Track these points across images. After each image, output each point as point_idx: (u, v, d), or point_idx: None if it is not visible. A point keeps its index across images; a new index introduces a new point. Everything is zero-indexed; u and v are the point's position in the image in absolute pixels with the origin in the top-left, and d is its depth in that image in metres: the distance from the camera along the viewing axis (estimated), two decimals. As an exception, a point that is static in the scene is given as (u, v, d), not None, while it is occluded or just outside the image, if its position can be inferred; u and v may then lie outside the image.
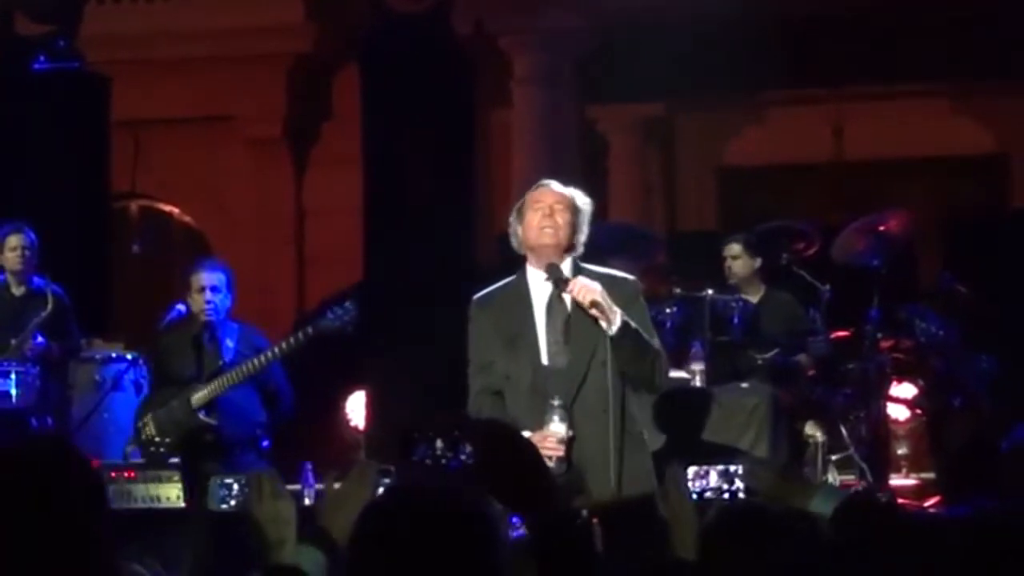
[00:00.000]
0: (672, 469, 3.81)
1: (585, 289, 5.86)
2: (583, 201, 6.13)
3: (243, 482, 4.49)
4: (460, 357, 6.33)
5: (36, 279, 9.42)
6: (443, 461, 3.24)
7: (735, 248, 9.32)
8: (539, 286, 6.06)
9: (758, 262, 9.29)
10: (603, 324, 5.85)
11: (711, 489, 4.15)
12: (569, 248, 6.05)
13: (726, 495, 4.17)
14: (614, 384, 5.88)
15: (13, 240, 9.41)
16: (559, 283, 5.95)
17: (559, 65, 13.44)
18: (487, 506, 2.80)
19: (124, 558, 3.29)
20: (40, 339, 9.22)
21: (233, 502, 4.56)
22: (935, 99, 13.65)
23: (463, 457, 3.24)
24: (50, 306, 9.24)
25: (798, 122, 13.77)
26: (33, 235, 9.44)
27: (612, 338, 5.84)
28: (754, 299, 9.27)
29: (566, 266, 6.03)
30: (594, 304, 5.83)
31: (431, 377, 9.36)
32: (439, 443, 3.27)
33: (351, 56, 12.75)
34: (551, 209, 6.02)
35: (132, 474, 9.21)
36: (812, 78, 13.33)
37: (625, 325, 5.87)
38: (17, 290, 9.46)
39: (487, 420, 5.67)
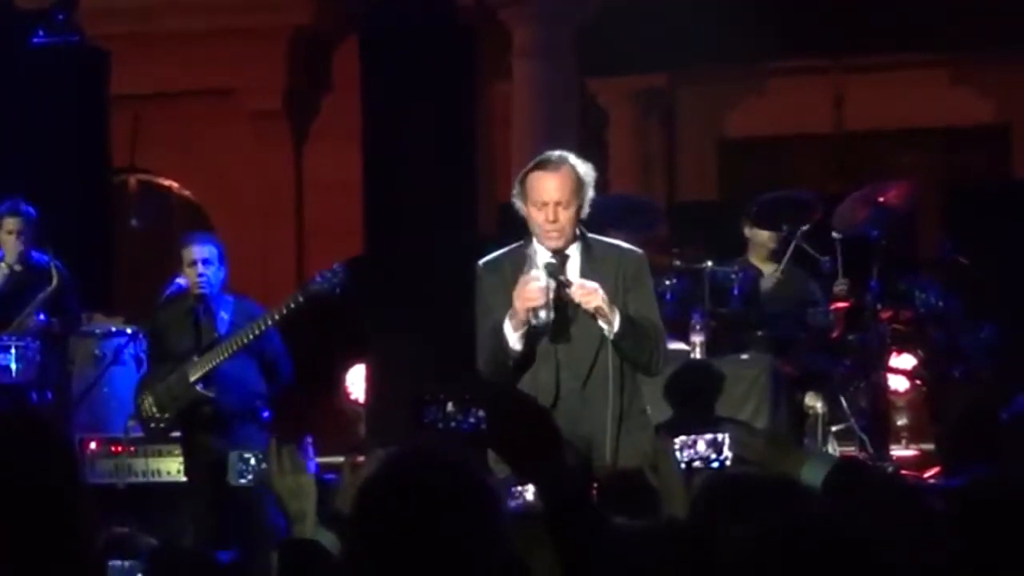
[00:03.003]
0: (660, 439, 3.82)
1: (587, 296, 5.90)
2: (584, 171, 6.05)
3: (261, 457, 4.48)
4: (461, 330, 6.32)
5: (36, 254, 9.39)
6: (454, 425, 3.23)
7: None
8: (545, 259, 6.03)
9: (774, 235, 9.22)
10: (603, 325, 5.90)
11: (699, 458, 4.14)
12: (574, 236, 6.05)
13: (714, 464, 4.16)
14: (615, 366, 5.96)
15: (9, 224, 9.31)
16: (560, 284, 5.95)
17: (559, 37, 13.39)
18: (487, 477, 2.80)
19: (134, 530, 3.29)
20: (41, 316, 9.21)
21: (251, 476, 4.55)
22: (936, 69, 13.62)
23: (474, 421, 3.22)
24: (55, 282, 9.21)
25: (799, 93, 13.74)
26: (32, 211, 9.40)
27: (612, 339, 5.90)
28: (767, 271, 9.22)
29: (574, 248, 6.04)
30: (596, 309, 5.88)
31: (432, 350, 9.37)
32: (450, 406, 3.25)
33: (351, 28, 12.73)
34: (554, 212, 5.96)
35: (133, 448, 9.24)
36: (813, 49, 13.29)
37: (624, 325, 5.90)
38: (17, 266, 9.43)
39: (495, 387, 5.69)
